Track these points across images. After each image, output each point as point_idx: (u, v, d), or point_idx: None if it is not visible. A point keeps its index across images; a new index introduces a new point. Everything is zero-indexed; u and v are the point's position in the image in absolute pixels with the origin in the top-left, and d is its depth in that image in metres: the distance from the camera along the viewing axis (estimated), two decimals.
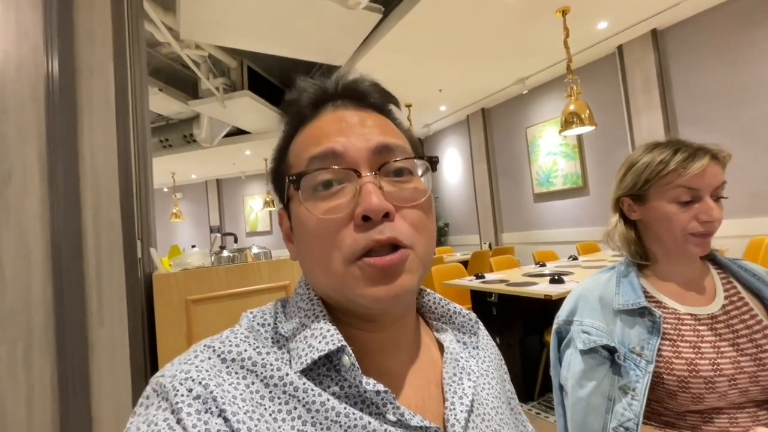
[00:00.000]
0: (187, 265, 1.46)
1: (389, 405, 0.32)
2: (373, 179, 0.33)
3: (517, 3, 2.79)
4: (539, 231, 4.63)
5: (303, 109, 0.39)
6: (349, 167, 0.34)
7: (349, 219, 0.33)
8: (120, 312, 1.18)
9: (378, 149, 0.35)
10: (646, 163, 0.71)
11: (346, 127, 0.36)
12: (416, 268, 0.34)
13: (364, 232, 0.32)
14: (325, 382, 0.32)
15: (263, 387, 0.31)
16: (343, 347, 0.32)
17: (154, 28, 2.95)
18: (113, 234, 1.19)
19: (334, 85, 0.39)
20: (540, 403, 2.17)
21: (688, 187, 0.66)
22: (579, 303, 0.74)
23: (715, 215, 0.65)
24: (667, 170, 0.68)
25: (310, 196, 0.34)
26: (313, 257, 0.35)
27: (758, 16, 2.81)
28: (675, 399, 0.63)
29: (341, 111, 0.38)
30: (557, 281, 2.09)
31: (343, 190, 0.34)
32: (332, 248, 0.33)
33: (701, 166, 0.65)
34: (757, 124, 2.87)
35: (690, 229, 0.66)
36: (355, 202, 0.33)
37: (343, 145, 0.34)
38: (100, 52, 1.23)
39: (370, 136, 0.35)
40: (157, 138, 5.41)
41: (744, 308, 0.67)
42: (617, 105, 3.69)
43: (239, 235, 7.58)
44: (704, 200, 0.66)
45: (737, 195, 2.97)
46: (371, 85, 0.40)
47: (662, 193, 0.69)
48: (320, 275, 0.35)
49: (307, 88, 0.39)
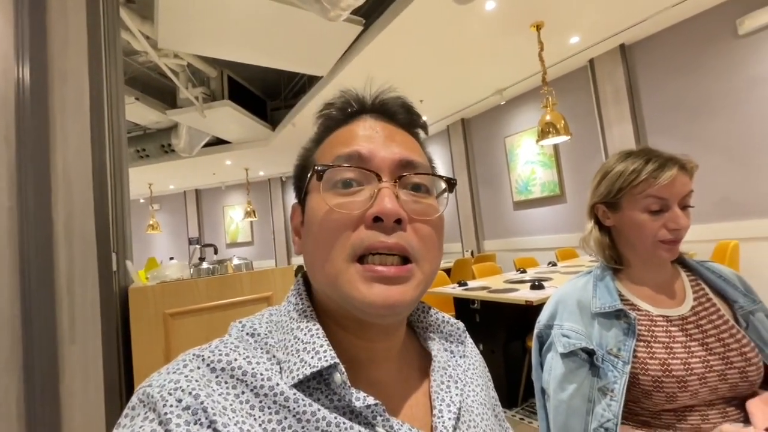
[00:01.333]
0: (164, 277, 1.41)
1: (379, 418, 0.32)
2: (391, 186, 0.35)
3: (494, 17, 2.88)
4: (519, 238, 4.72)
5: (337, 114, 0.41)
6: (371, 170, 0.35)
7: (361, 219, 0.34)
8: (93, 328, 1.13)
9: (402, 162, 0.36)
10: (619, 172, 0.74)
11: (376, 136, 0.38)
12: (418, 285, 0.34)
13: (371, 231, 0.33)
14: (315, 395, 0.32)
15: (253, 397, 0.30)
16: (336, 364, 0.32)
17: (131, 36, 2.89)
18: (87, 247, 1.15)
19: (372, 98, 0.41)
20: (524, 408, 2.19)
21: (658, 196, 0.69)
22: (558, 307, 0.76)
23: (683, 223, 0.68)
24: (638, 180, 0.70)
25: (329, 190, 0.35)
26: (317, 248, 0.35)
27: (718, 32, 3.00)
28: (650, 398, 0.65)
29: (373, 121, 0.40)
30: (537, 287, 2.13)
31: (361, 191, 0.35)
32: (336, 242, 0.34)
33: (670, 177, 0.68)
34: (720, 133, 3.04)
35: (660, 236, 0.69)
36: (370, 203, 0.34)
37: (369, 150, 0.36)
38: (74, 58, 1.20)
39: (396, 149, 0.37)
40: (134, 148, 5.27)
41: (711, 309, 0.71)
42: (590, 116, 3.84)
43: (219, 246, 7.41)
44: (673, 209, 0.69)
45: (704, 201, 3.12)
46: (405, 105, 0.42)
47: (634, 202, 0.72)
48: (320, 268, 0.35)
49: (345, 96, 0.41)
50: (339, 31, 2.82)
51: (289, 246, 7.78)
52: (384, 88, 0.41)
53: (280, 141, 5.28)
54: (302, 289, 0.39)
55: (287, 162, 6.87)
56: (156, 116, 4.50)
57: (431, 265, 0.36)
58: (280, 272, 1.54)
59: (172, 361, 0.32)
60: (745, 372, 0.64)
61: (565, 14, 2.95)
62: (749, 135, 2.88)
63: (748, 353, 0.65)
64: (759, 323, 0.70)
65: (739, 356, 0.65)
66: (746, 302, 0.71)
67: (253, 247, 7.89)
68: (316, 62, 3.32)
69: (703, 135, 3.13)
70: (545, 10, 2.86)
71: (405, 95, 0.42)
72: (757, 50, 2.81)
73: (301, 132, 4.82)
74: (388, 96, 0.41)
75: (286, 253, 7.72)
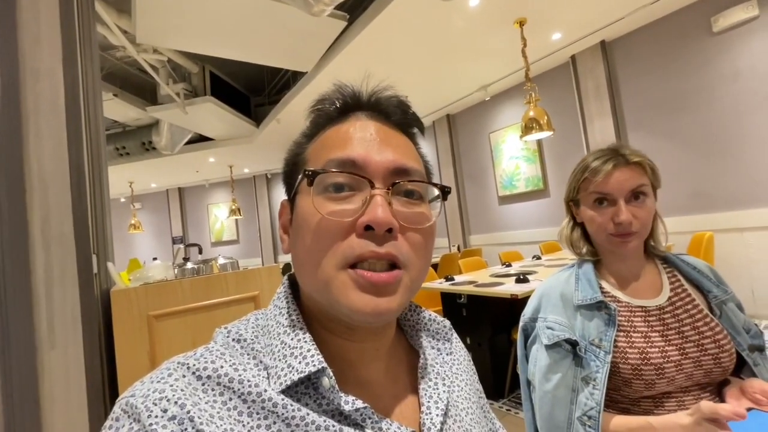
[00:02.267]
0: (148, 279, 1.39)
1: (368, 420, 0.32)
2: (384, 193, 0.34)
3: (477, 13, 2.90)
4: (504, 232, 4.79)
5: (331, 110, 0.39)
6: (364, 176, 0.34)
7: (352, 227, 0.33)
8: (74, 332, 1.10)
9: (395, 169, 0.35)
10: (575, 172, 0.79)
11: (370, 139, 0.36)
12: (405, 291, 0.34)
13: (364, 242, 0.32)
14: (304, 400, 0.32)
15: (241, 403, 0.30)
16: (324, 369, 0.32)
17: (107, 30, 2.81)
18: (65, 249, 1.11)
19: (368, 96, 0.40)
20: (510, 400, 2.24)
21: (600, 192, 0.73)
22: (542, 301, 0.78)
23: (623, 218, 0.70)
24: (583, 177, 0.76)
25: (320, 194, 0.35)
26: (307, 254, 0.35)
27: (692, 29, 3.08)
28: (630, 386, 0.68)
29: (367, 121, 0.38)
30: (522, 281, 2.17)
31: (353, 197, 0.34)
32: (327, 250, 0.33)
33: (604, 173, 0.72)
34: (695, 128, 3.13)
35: (608, 230, 0.72)
36: (362, 211, 0.33)
37: (363, 157, 0.35)
38: (47, 55, 1.15)
39: (391, 155, 0.36)
40: (113, 146, 5.13)
41: (687, 299, 0.74)
42: (572, 111, 3.91)
43: (204, 245, 7.29)
44: (617, 204, 0.72)
45: (680, 194, 3.22)
46: (401, 104, 0.40)
47: (585, 199, 0.77)
48: (309, 274, 0.35)
49: (340, 92, 0.40)
50: (323, 27, 2.79)
51: (275, 244, 7.71)
52: (380, 85, 0.40)
53: (264, 137, 5.21)
54: (288, 291, 0.39)
55: (272, 159, 6.81)
56: (136, 113, 4.39)
57: (420, 270, 0.36)
58: (266, 271, 1.52)
59: (155, 369, 0.32)
60: (719, 358, 0.67)
61: (547, 11, 2.99)
62: (722, 129, 2.99)
63: (722, 341, 0.68)
64: (730, 312, 0.74)
65: (713, 343, 0.68)
66: (719, 292, 0.74)
67: (239, 246, 7.79)
68: (301, 58, 3.28)
69: (679, 130, 3.23)
70: (528, 7, 2.89)
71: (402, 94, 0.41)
72: (731, 47, 2.90)
73: (286, 128, 4.77)
74: (384, 94, 0.40)
75: (272, 251, 7.66)
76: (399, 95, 0.41)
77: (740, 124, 2.89)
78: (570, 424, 0.67)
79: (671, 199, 3.23)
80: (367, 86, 0.40)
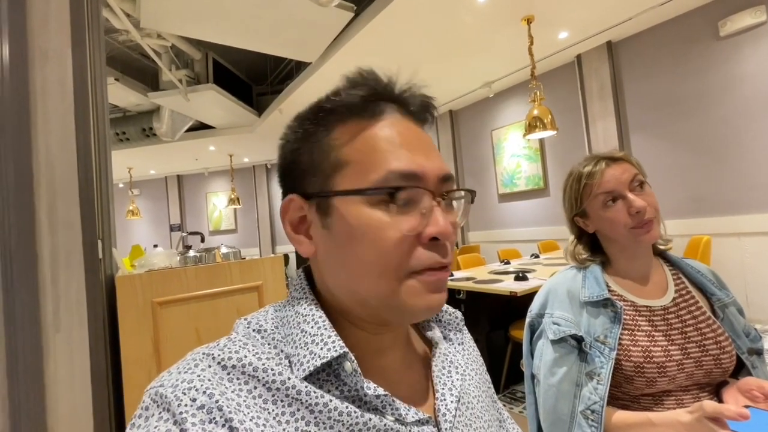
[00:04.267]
0: (152, 265, 1.39)
1: (388, 407, 0.33)
2: (441, 206, 0.35)
3: (485, 9, 2.88)
4: (503, 230, 4.81)
5: (358, 99, 0.36)
6: (426, 188, 0.35)
7: (417, 238, 0.34)
8: (79, 316, 1.11)
9: (444, 176, 0.36)
10: (570, 185, 0.82)
11: (423, 146, 0.36)
12: None
13: (429, 252, 0.34)
14: (326, 386, 0.33)
15: (266, 391, 0.31)
16: (345, 354, 0.32)
17: (111, 14, 2.77)
18: (71, 234, 1.11)
19: (403, 90, 0.38)
20: (505, 395, 2.27)
21: (605, 192, 0.75)
22: (549, 297, 0.79)
23: (638, 205, 0.72)
24: (582, 185, 0.79)
25: (375, 204, 0.34)
26: (367, 266, 0.34)
27: (700, 32, 3.08)
28: (631, 383, 0.69)
29: (409, 122, 0.38)
30: (521, 278, 2.19)
31: (413, 208, 0.34)
32: (395, 262, 0.33)
33: (600, 174, 0.76)
34: (695, 131, 3.14)
35: (629, 224, 0.73)
36: (425, 222, 0.34)
37: (423, 168, 0.35)
38: (56, 37, 1.14)
39: (437, 161, 0.36)
40: (114, 131, 5.09)
41: (691, 301, 0.75)
42: (576, 111, 3.91)
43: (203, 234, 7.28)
44: (626, 196, 0.74)
45: (679, 197, 3.24)
46: (430, 104, 0.40)
47: (593, 204, 0.78)
48: (371, 284, 0.34)
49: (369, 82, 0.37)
50: (329, 17, 2.77)
51: (273, 234, 7.70)
52: (412, 81, 0.39)
53: (266, 127, 5.18)
54: (305, 283, 0.39)
55: (273, 149, 6.69)
56: (137, 98, 4.35)
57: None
58: (270, 261, 1.53)
59: (181, 360, 0.32)
60: (720, 359, 0.69)
61: (555, 9, 2.97)
62: (723, 134, 3.00)
63: (723, 342, 0.70)
64: (732, 316, 0.75)
65: (714, 345, 0.69)
66: (722, 295, 0.76)
67: (237, 235, 7.78)
68: (306, 48, 3.26)
69: (680, 133, 3.24)
70: (536, 5, 2.88)
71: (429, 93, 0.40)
72: (736, 52, 2.90)
73: (287, 119, 4.64)
74: (417, 91, 0.39)
75: (270, 241, 7.65)
76: (426, 95, 0.40)
77: (742, 129, 2.90)
78: (573, 417, 0.69)
79: (670, 202, 3.25)
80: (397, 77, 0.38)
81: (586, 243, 0.84)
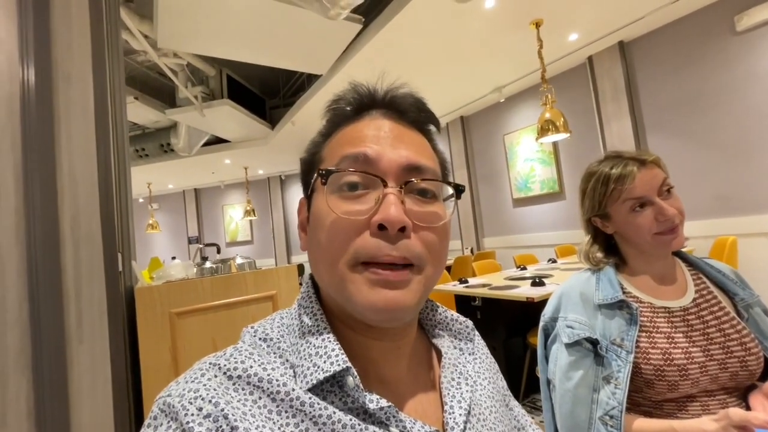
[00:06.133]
0: (169, 277, 1.43)
1: (392, 419, 0.33)
2: (397, 192, 0.34)
3: (493, 15, 2.89)
4: (519, 235, 4.74)
5: (346, 109, 0.40)
6: (377, 175, 0.34)
7: (366, 225, 0.33)
8: (101, 328, 1.14)
9: (408, 166, 0.35)
10: (593, 188, 0.78)
11: (384, 136, 0.36)
12: (419, 288, 0.34)
13: (377, 242, 0.32)
14: (330, 398, 0.33)
15: (270, 402, 0.31)
16: (348, 368, 0.32)
17: (129, 36, 2.89)
18: (93, 247, 1.16)
19: (383, 94, 0.40)
20: (525, 404, 2.21)
21: (634, 197, 0.72)
22: (562, 300, 0.78)
23: (669, 213, 0.70)
24: (609, 190, 0.75)
25: (334, 193, 0.35)
26: (322, 253, 0.35)
27: (715, 29, 3.01)
28: (652, 388, 0.67)
29: (382, 120, 0.38)
30: (538, 284, 2.15)
31: (366, 195, 0.34)
32: (342, 248, 0.33)
33: (630, 179, 0.72)
34: (716, 129, 3.05)
35: (655, 229, 0.71)
36: (375, 209, 0.33)
37: (376, 152, 0.35)
38: (78, 60, 1.20)
39: (404, 152, 0.36)
40: (133, 147, 5.27)
41: (713, 301, 0.72)
42: (589, 113, 3.85)
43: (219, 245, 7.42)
44: (655, 203, 0.71)
45: (701, 197, 3.14)
46: (416, 102, 0.40)
47: (619, 208, 0.75)
48: (324, 272, 0.35)
49: (355, 91, 0.40)
50: (338, 30, 2.82)
51: (289, 245, 7.78)
52: (396, 83, 0.40)
53: (279, 140, 5.28)
54: (311, 291, 0.39)
55: (287, 160, 6.89)
56: (155, 115, 4.50)
57: (434, 269, 0.36)
58: (284, 271, 1.55)
59: (189, 370, 0.33)
60: (745, 361, 0.66)
61: (564, 11, 2.96)
62: (746, 131, 2.90)
63: (748, 343, 0.67)
64: (757, 316, 0.72)
65: (738, 346, 0.67)
66: (746, 295, 0.73)
67: (253, 246, 7.90)
68: (316, 61, 3.32)
69: (700, 131, 3.15)
70: (544, 8, 2.87)
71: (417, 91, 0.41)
72: (755, 47, 2.82)
73: (300, 130, 4.83)
74: (400, 92, 0.40)
75: (285, 251, 7.73)
76: (414, 93, 0.41)
77: (763, 125, 2.81)
78: (591, 423, 0.67)
79: (692, 203, 3.15)
80: (382, 85, 0.40)
81: (601, 243, 0.82)
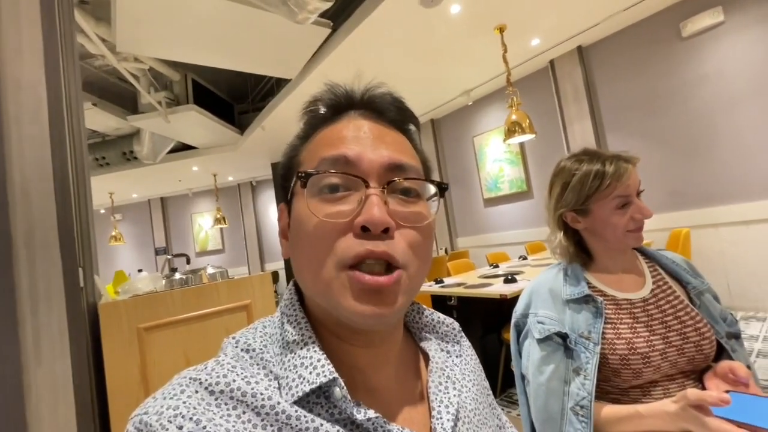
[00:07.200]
0: (136, 290, 1.36)
1: (380, 429, 0.32)
2: (379, 192, 0.33)
3: (459, 20, 2.96)
4: (491, 234, 4.86)
5: (324, 111, 0.39)
6: (358, 176, 0.34)
7: (349, 227, 0.32)
8: (61, 348, 1.08)
9: (390, 166, 0.35)
10: (582, 181, 0.78)
11: (364, 137, 0.36)
12: (406, 290, 0.33)
13: (361, 243, 0.32)
14: (316, 410, 0.32)
15: (255, 416, 0.30)
16: (335, 379, 0.31)
17: (85, 39, 2.75)
18: (50, 262, 1.09)
19: (360, 94, 0.39)
20: (502, 399, 2.27)
21: (623, 195, 0.76)
22: (533, 297, 0.81)
23: (648, 213, 0.76)
24: (604, 184, 0.76)
25: (314, 196, 0.34)
26: (306, 258, 0.34)
27: (663, 34, 3.22)
28: (619, 376, 0.71)
29: (361, 120, 0.38)
30: (510, 281, 2.21)
31: (348, 197, 0.34)
32: (326, 252, 0.32)
33: (627, 176, 0.75)
34: (669, 128, 3.26)
35: (628, 227, 0.76)
36: (358, 211, 0.32)
37: (356, 153, 0.34)
38: (29, 66, 1.13)
39: (385, 151, 0.35)
40: (93, 156, 5.00)
41: (669, 291, 0.78)
42: (553, 114, 4.02)
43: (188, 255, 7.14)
44: (635, 202, 0.76)
45: (657, 192, 3.34)
46: (395, 101, 0.40)
47: (603, 204, 0.77)
48: (309, 278, 0.34)
49: (332, 92, 0.39)
50: (307, 34, 2.81)
51: (262, 252, 7.61)
52: (373, 83, 0.39)
53: (249, 145, 5.17)
54: (295, 298, 0.38)
55: (257, 166, 6.75)
56: (116, 122, 4.30)
57: (418, 270, 0.35)
58: (258, 279, 1.52)
59: (167, 384, 0.31)
60: (700, 346, 0.71)
61: (525, 17, 3.07)
62: (695, 130, 3.12)
63: (702, 329, 0.72)
64: (708, 302, 0.78)
65: (694, 332, 0.72)
66: (697, 283, 0.79)
67: (224, 255, 7.67)
68: (285, 65, 3.29)
69: (655, 131, 3.35)
70: (507, 14, 2.98)
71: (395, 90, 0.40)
72: (699, 51, 3.04)
73: (271, 135, 4.75)
74: (378, 92, 0.39)
75: (259, 259, 7.56)
76: (392, 92, 0.40)
77: (711, 124, 3.03)
78: (564, 414, 0.70)
79: (650, 198, 3.32)
80: (359, 85, 0.39)
81: (570, 238, 0.84)
